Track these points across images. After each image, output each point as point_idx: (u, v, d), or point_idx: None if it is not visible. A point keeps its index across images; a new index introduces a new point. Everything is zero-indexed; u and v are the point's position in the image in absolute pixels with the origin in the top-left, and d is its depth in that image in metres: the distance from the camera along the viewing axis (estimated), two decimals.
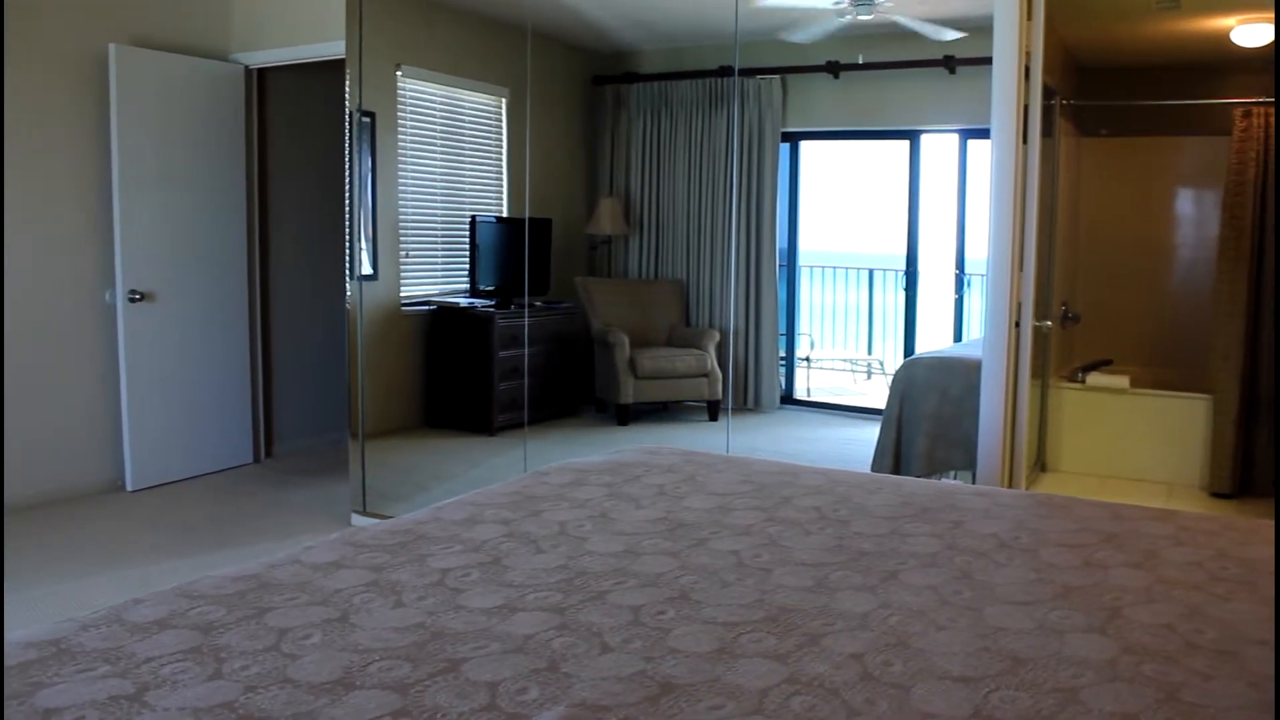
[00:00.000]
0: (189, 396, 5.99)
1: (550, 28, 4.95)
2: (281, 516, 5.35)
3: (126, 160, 5.59)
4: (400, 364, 5.40)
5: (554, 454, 4.94)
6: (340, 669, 1.66)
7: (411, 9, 5.33)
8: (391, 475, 5.24)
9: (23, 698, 1.58)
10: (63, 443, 5.59)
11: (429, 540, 2.28)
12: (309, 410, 6.92)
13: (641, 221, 5.13)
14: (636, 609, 1.91)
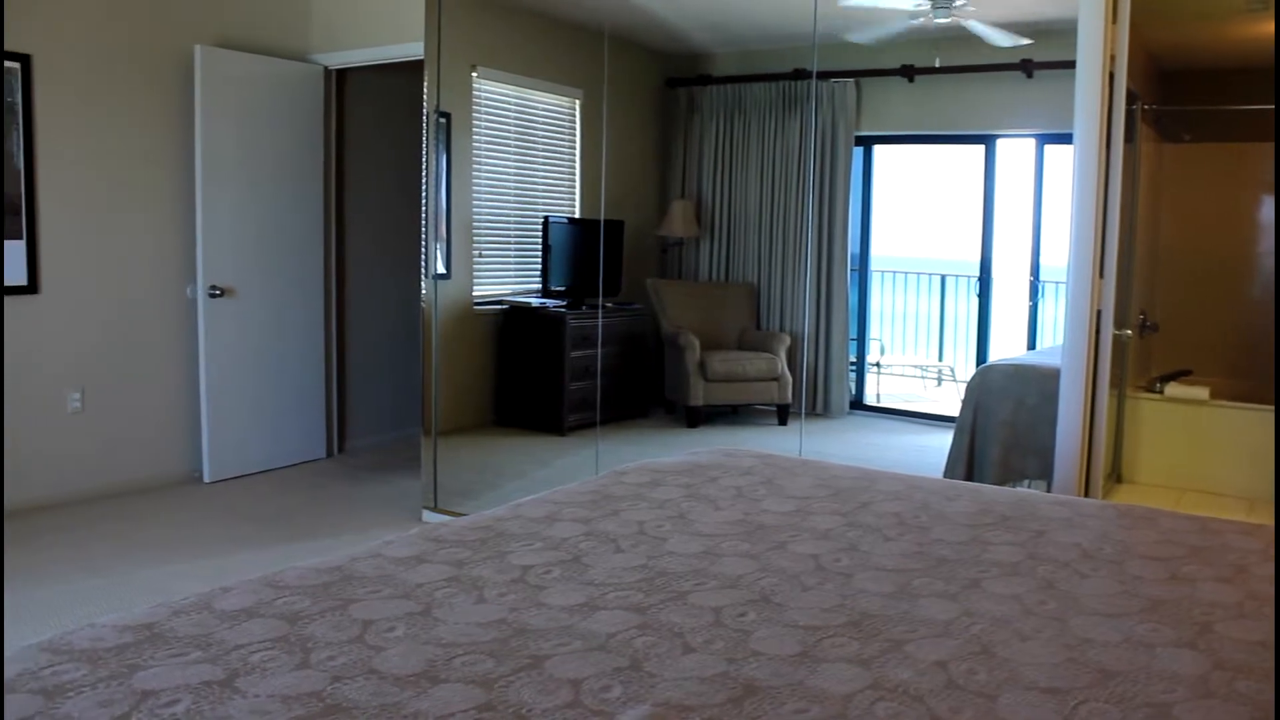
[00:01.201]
0: (265, 391, 6.10)
1: (625, 30, 4.96)
2: (354, 511, 5.42)
3: (209, 158, 5.70)
4: (472, 362, 5.45)
5: (625, 454, 4.95)
6: (424, 662, 1.67)
7: (488, 11, 5.37)
8: (462, 472, 5.28)
9: (121, 679, 1.61)
10: (144, 434, 5.72)
11: (509, 537, 2.30)
12: (381, 406, 7.01)
13: (713, 224, 5.11)
14: (718, 610, 1.90)
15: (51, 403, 5.33)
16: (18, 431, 5.21)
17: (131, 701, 1.53)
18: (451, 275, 5.25)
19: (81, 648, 1.73)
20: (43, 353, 5.27)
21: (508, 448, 5.53)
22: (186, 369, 5.88)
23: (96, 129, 5.41)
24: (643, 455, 4.90)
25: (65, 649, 1.73)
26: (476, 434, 5.52)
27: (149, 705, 1.52)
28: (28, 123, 5.12)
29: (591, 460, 5.01)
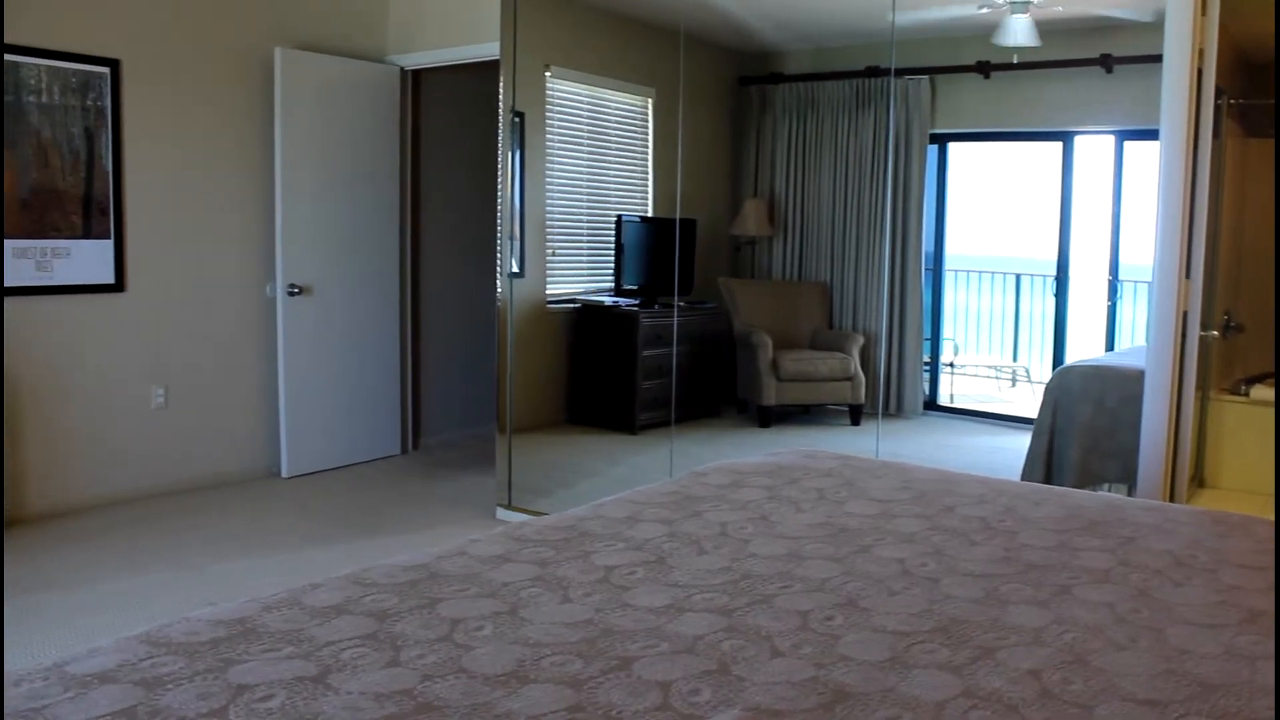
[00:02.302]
0: (342, 388, 6.18)
1: (697, 29, 4.95)
2: (428, 507, 5.47)
3: (288, 159, 5.80)
4: (545, 361, 5.47)
5: (698, 454, 4.94)
6: (513, 662, 1.68)
7: (562, 11, 5.39)
8: (535, 470, 5.31)
9: (216, 672, 1.64)
10: (224, 430, 5.83)
11: (592, 537, 2.30)
12: (455, 404, 7.07)
13: (786, 223, 5.08)
14: (804, 614, 1.89)
15: (136, 399, 5.45)
16: (105, 427, 5.34)
17: (228, 695, 1.56)
18: (525, 274, 5.28)
19: (178, 641, 1.76)
20: (128, 350, 5.39)
21: (580, 446, 5.55)
22: (265, 366, 5.99)
23: (180, 131, 5.52)
24: (715, 455, 4.89)
25: (163, 641, 1.76)
26: (549, 432, 5.54)
27: (245, 699, 1.55)
28: (116, 125, 5.24)
29: (664, 459, 5.01)
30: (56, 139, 5.04)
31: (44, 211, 5.01)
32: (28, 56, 4.92)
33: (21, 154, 4.93)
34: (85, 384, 5.25)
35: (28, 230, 4.96)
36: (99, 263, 5.22)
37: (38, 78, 4.96)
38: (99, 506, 5.31)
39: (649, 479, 4.94)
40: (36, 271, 5.00)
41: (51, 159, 5.03)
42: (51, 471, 5.16)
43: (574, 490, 5.24)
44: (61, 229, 5.08)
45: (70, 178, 5.10)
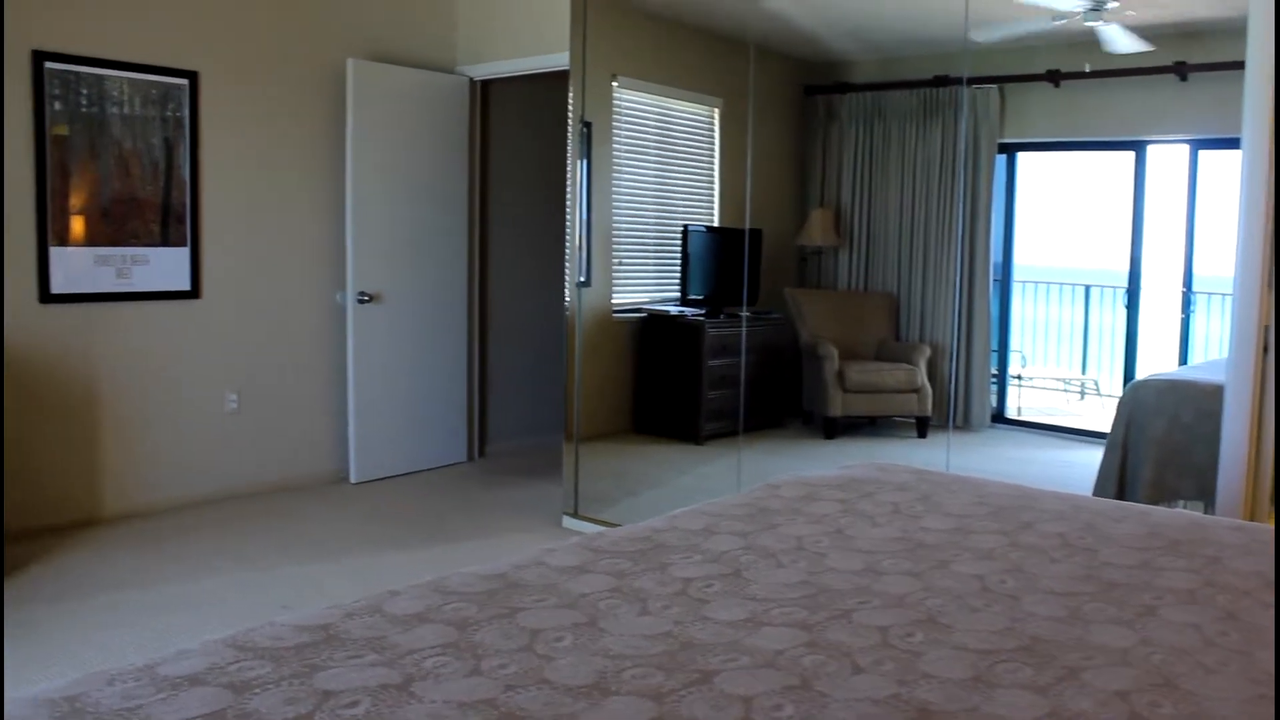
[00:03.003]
0: (410, 395, 6.25)
1: (764, 39, 4.94)
2: (495, 515, 5.50)
3: (360, 168, 5.88)
4: (610, 370, 5.49)
5: (764, 465, 4.92)
6: (595, 674, 1.68)
7: (629, 21, 5.41)
8: (600, 479, 5.32)
9: (302, 678, 1.66)
10: (295, 435, 5.92)
11: (668, 549, 2.30)
12: (520, 412, 7.11)
13: (852, 232, 5.06)
14: (884, 630, 1.88)
15: (211, 403, 5.55)
16: (180, 430, 5.44)
17: (314, 701, 1.58)
18: (591, 283, 5.30)
19: (263, 645, 1.79)
20: (203, 355, 5.50)
21: (645, 455, 5.56)
22: (335, 373, 6.07)
23: (254, 141, 5.62)
24: (782, 466, 4.87)
25: (249, 646, 1.79)
26: (614, 441, 5.55)
27: (330, 705, 1.56)
28: (193, 136, 5.35)
29: (730, 470, 4.99)
30: (137, 149, 5.16)
31: (124, 220, 5.13)
32: (111, 69, 5.04)
33: (104, 164, 5.05)
34: (162, 388, 5.36)
35: (109, 238, 5.08)
36: (176, 270, 5.33)
37: (120, 90, 5.08)
38: (173, 508, 5.41)
39: (714, 489, 4.93)
40: (117, 278, 5.12)
41: (132, 168, 5.14)
42: (128, 473, 5.27)
43: (639, 500, 5.25)
44: (141, 237, 5.19)
45: (149, 187, 5.21)
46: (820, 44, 5.15)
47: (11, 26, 4.74)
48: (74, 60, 4.92)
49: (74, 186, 4.97)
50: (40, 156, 4.84)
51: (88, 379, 5.09)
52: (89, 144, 5.00)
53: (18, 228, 4.82)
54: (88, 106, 4.99)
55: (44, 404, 4.96)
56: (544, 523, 5.36)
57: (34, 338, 4.90)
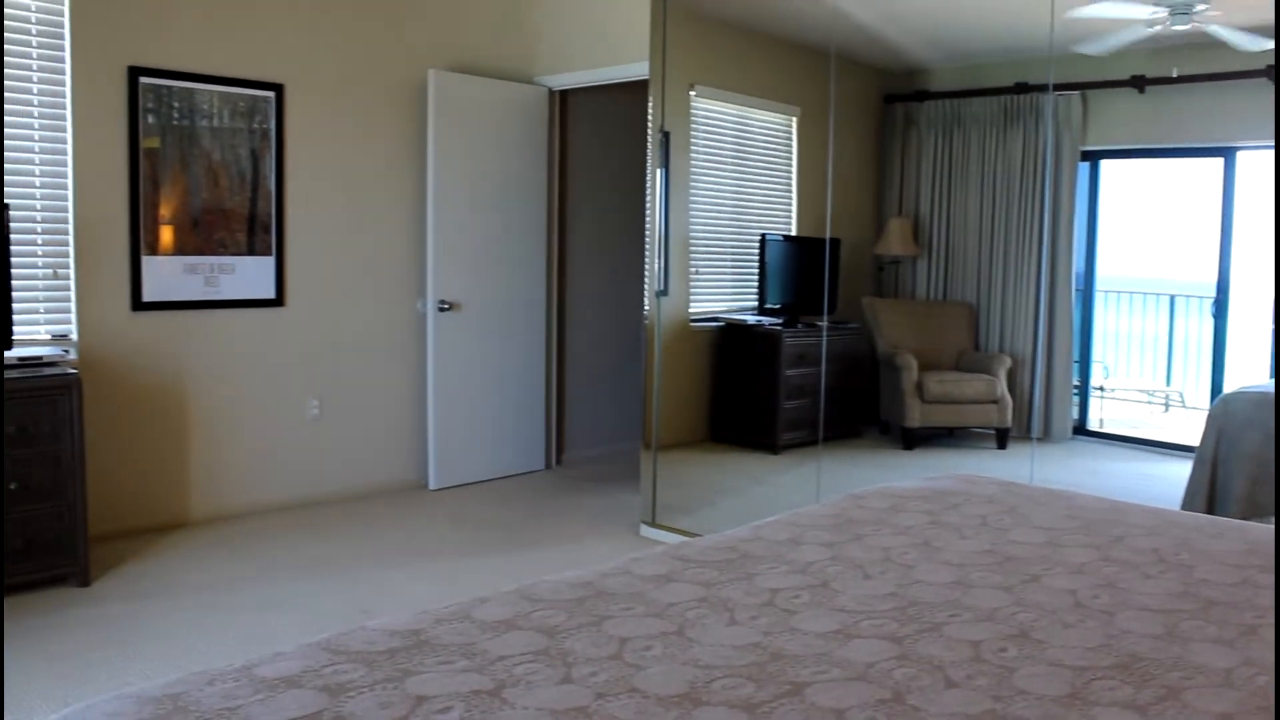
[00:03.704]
0: (488, 403, 6.30)
1: (843, 47, 4.91)
2: (573, 523, 5.53)
3: (440, 177, 5.95)
4: (687, 378, 5.49)
5: (842, 475, 4.89)
6: (685, 683, 1.68)
7: (708, 30, 5.41)
8: (677, 488, 5.32)
9: (395, 682, 1.68)
10: (375, 441, 6.00)
11: (754, 559, 2.30)
12: (597, 420, 7.14)
13: (931, 242, 5.00)
14: (976, 644, 1.85)
15: (293, 409, 5.65)
16: (264, 436, 5.55)
17: (408, 706, 1.60)
18: (669, 292, 5.30)
19: (356, 649, 1.82)
20: (286, 362, 5.60)
21: (722, 464, 5.54)
22: (415, 380, 6.14)
23: (338, 151, 5.72)
24: (860, 476, 4.83)
25: (342, 649, 1.82)
26: (691, 450, 5.55)
27: (424, 710, 1.58)
28: (279, 147, 5.45)
29: (806, 480, 4.96)
30: (225, 160, 5.27)
31: (212, 230, 5.24)
32: (201, 83, 5.16)
33: (194, 175, 5.17)
34: (246, 394, 5.47)
35: (198, 247, 5.20)
36: (262, 278, 5.44)
37: (210, 102, 5.20)
38: (257, 513, 5.51)
39: (792, 499, 4.90)
40: (205, 286, 5.24)
41: (220, 179, 5.26)
42: (214, 477, 5.38)
43: (716, 509, 5.24)
44: (228, 246, 5.31)
45: (237, 197, 5.32)
46: (900, 52, 5.10)
47: (109, 43, 4.88)
48: (167, 75, 5.06)
49: (164, 197, 5.09)
50: (134, 168, 4.97)
51: (176, 385, 5.21)
52: (179, 156, 5.13)
53: (112, 238, 4.95)
54: (179, 119, 5.11)
55: (135, 409, 5.09)
56: (622, 531, 5.37)
57: (126, 345, 5.03)
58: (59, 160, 4.80)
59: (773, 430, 5.30)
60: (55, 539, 4.28)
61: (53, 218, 4.80)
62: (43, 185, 4.76)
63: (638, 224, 7.19)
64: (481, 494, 6.06)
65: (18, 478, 4.16)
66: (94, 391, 4.90)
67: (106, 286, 4.95)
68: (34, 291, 4.76)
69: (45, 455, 4.23)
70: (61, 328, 4.85)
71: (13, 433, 4.14)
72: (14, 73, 4.65)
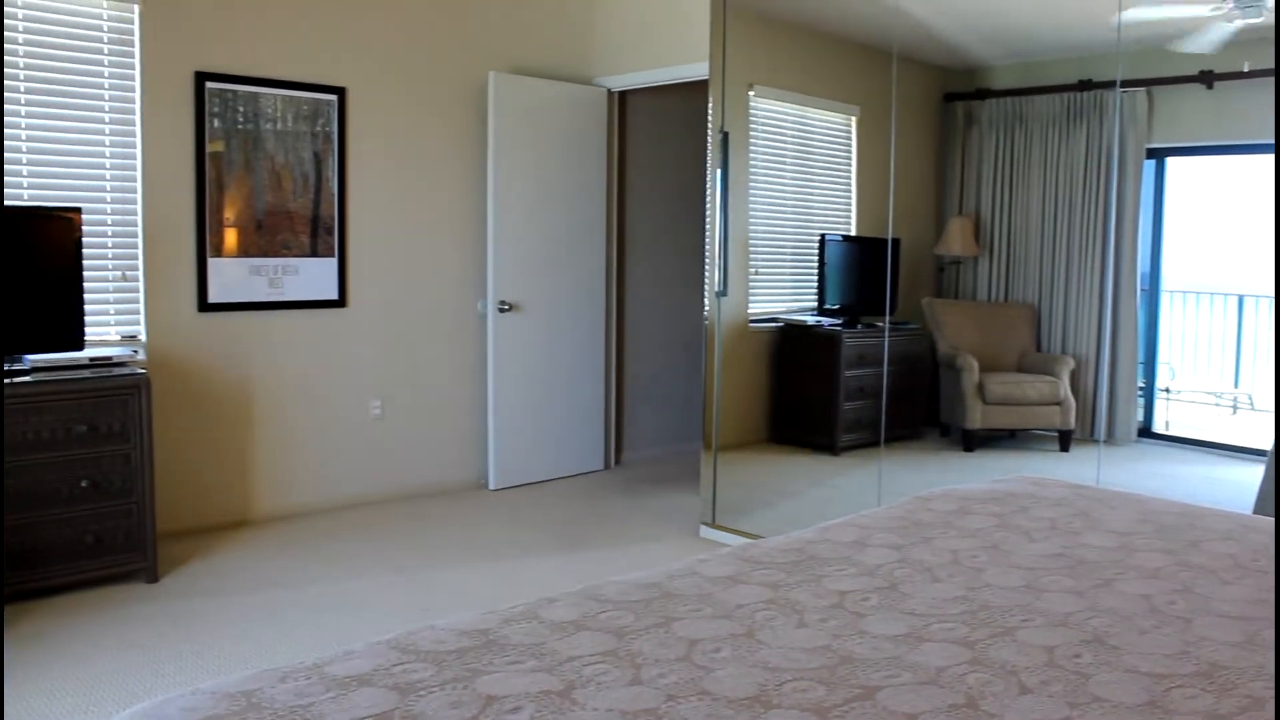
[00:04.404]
0: (548, 403, 6.33)
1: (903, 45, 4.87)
2: (632, 523, 5.53)
3: (500, 178, 5.99)
4: (746, 379, 5.47)
5: (903, 477, 4.85)
6: (755, 686, 1.67)
7: (767, 30, 5.39)
8: (736, 489, 5.31)
9: (465, 682, 1.69)
10: (435, 442, 6.05)
11: (821, 561, 2.28)
12: (656, 420, 7.15)
13: (992, 242, 4.94)
14: (1050, 649, 1.82)
15: (356, 409, 5.71)
16: (327, 435, 5.61)
17: (478, 705, 1.60)
18: (728, 292, 5.29)
19: (425, 649, 1.83)
20: (349, 363, 5.66)
21: (781, 466, 5.52)
22: (475, 380, 6.18)
23: (399, 153, 5.77)
24: (921, 478, 4.79)
25: (411, 648, 1.83)
26: (750, 450, 5.53)
27: (494, 710, 1.59)
28: (341, 149, 5.52)
29: (868, 482, 4.93)
30: (289, 163, 5.34)
31: (276, 231, 5.31)
32: (266, 87, 5.23)
33: (258, 178, 5.24)
34: (309, 394, 5.53)
35: (262, 249, 5.27)
36: (324, 280, 5.50)
37: (274, 106, 5.27)
38: (319, 511, 5.58)
39: (852, 501, 4.87)
40: (269, 288, 5.31)
41: (284, 182, 5.33)
42: (277, 476, 5.45)
43: (776, 510, 5.22)
44: (292, 248, 5.37)
45: (300, 199, 5.39)
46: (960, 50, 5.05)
47: (177, 50, 4.97)
48: (232, 79, 5.13)
49: (229, 200, 5.17)
50: (200, 172, 5.05)
51: (241, 385, 5.28)
52: (244, 159, 5.20)
53: (179, 240, 5.03)
54: (243, 123, 5.18)
55: (200, 408, 5.17)
56: (681, 532, 5.37)
57: (192, 345, 5.11)
58: (129, 165, 4.89)
59: (832, 432, 5.27)
60: (125, 536, 4.36)
61: (122, 221, 4.89)
62: (113, 190, 4.86)
63: (696, 224, 7.18)
64: (541, 494, 6.09)
65: (89, 476, 4.25)
66: (161, 391, 4.99)
67: (174, 288, 5.03)
68: (104, 293, 4.85)
69: (115, 454, 4.31)
70: (130, 328, 4.94)
71: (84, 431, 4.22)
72: (86, 80, 4.75)
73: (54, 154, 4.69)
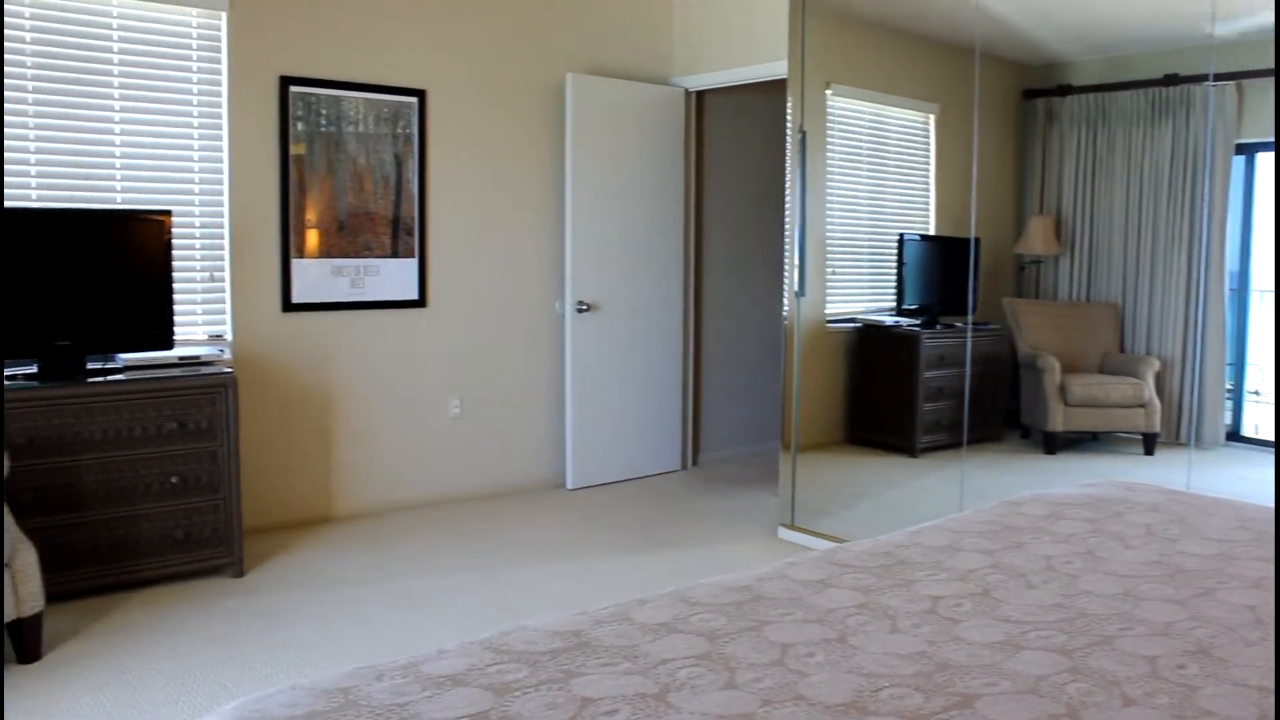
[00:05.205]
0: (625, 403, 6.34)
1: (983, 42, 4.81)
2: (710, 523, 5.52)
3: (578, 179, 6.01)
4: (824, 380, 5.44)
5: (984, 480, 4.79)
6: (851, 692, 1.66)
7: (845, 28, 5.35)
8: (815, 490, 5.28)
9: (559, 683, 1.70)
10: (513, 440, 6.10)
11: (912, 565, 2.26)
12: (733, 421, 7.13)
13: (1073, 240, 4.86)
14: (1152, 659, 1.79)
15: (435, 409, 5.77)
16: (407, 434, 5.68)
17: (574, 707, 1.61)
18: (806, 292, 5.27)
19: (518, 649, 1.84)
20: (429, 362, 5.72)
21: (859, 467, 5.47)
22: (553, 380, 6.22)
23: (478, 155, 5.82)
24: (1003, 482, 4.72)
25: (505, 649, 1.84)
26: (827, 451, 5.49)
27: (590, 712, 1.59)
28: (421, 151, 5.58)
29: (947, 484, 4.87)
30: (370, 165, 5.42)
31: (358, 233, 5.39)
32: (348, 90, 5.31)
33: (340, 180, 5.32)
34: (390, 394, 5.60)
35: (344, 250, 5.35)
36: (405, 280, 5.57)
37: (356, 109, 5.34)
38: (399, 509, 5.65)
39: (932, 503, 4.82)
40: (351, 288, 5.38)
41: (365, 184, 5.40)
42: (358, 474, 5.53)
43: (854, 512, 5.18)
44: (373, 249, 5.45)
45: (381, 201, 5.46)
46: (1040, 45, 4.97)
47: (262, 55, 5.06)
48: (315, 83, 5.21)
49: (311, 202, 5.25)
50: (284, 175, 5.14)
51: (323, 384, 5.37)
52: (326, 161, 5.28)
53: (264, 241, 5.12)
54: (326, 126, 5.26)
55: (284, 406, 5.26)
56: (759, 532, 5.35)
57: (276, 345, 5.20)
58: (216, 168, 4.99)
59: (911, 433, 5.22)
60: (212, 531, 4.45)
61: (210, 223, 5.00)
62: (201, 193, 4.96)
63: (773, 224, 7.15)
64: (618, 494, 6.10)
65: (178, 472, 4.34)
66: (246, 389, 5.09)
67: (259, 288, 5.13)
68: (192, 293, 4.95)
69: (203, 451, 4.40)
70: (217, 328, 5.04)
71: (173, 429, 4.31)
72: (175, 85, 4.86)
73: (146, 158, 4.80)
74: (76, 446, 4.10)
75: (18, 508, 3.92)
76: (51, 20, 4.53)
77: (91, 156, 4.67)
